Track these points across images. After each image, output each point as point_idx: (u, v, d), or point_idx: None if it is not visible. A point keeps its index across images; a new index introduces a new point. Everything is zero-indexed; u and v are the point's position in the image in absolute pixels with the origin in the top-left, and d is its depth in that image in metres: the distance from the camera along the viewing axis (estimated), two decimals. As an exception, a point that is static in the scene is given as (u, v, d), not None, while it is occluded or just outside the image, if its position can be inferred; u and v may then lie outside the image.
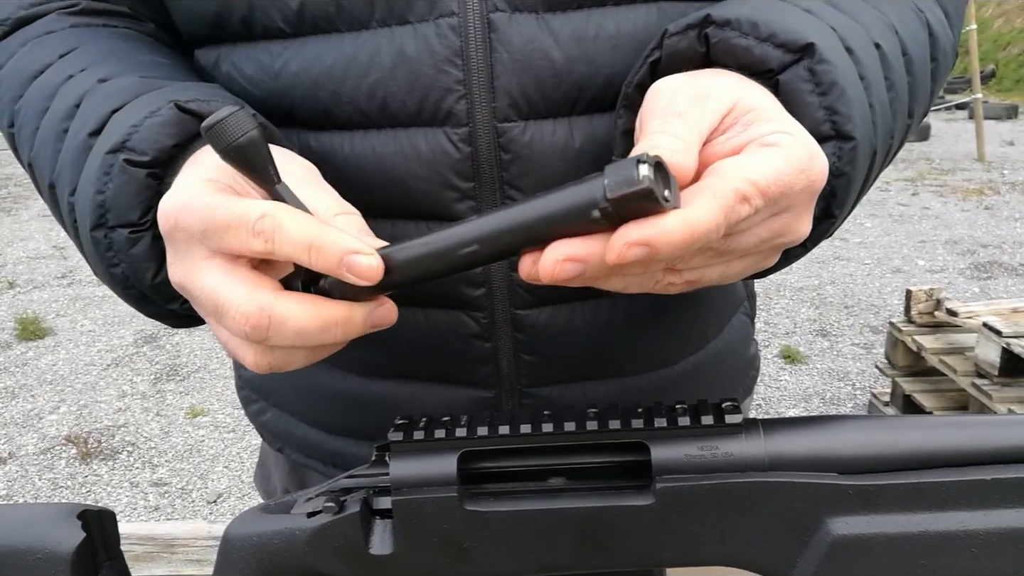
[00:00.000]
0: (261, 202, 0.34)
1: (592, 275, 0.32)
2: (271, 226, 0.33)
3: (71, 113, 0.45)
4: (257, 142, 0.34)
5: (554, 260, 0.31)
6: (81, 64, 0.47)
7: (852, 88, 0.38)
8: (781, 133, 0.34)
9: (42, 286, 4.55)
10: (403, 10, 0.44)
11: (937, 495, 0.32)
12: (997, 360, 2.09)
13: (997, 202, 5.78)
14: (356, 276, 0.33)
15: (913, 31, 0.44)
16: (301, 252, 0.33)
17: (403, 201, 0.48)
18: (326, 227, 0.34)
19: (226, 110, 0.33)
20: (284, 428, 0.62)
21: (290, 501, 0.38)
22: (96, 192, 0.40)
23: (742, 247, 0.35)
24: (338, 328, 0.35)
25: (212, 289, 0.35)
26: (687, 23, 0.40)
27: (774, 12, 0.39)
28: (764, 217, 0.34)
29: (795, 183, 0.33)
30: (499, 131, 0.46)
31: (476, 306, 0.50)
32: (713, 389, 0.61)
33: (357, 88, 0.46)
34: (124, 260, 0.41)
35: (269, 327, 0.34)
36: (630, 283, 0.35)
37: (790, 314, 3.80)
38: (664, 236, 0.29)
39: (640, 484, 0.34)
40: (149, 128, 0.40)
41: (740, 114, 0.36)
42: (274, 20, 0.47)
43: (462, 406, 0.54)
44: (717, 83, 0.37)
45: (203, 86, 0.46)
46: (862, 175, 0.41)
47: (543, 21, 0.45)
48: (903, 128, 0.44)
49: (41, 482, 2.59)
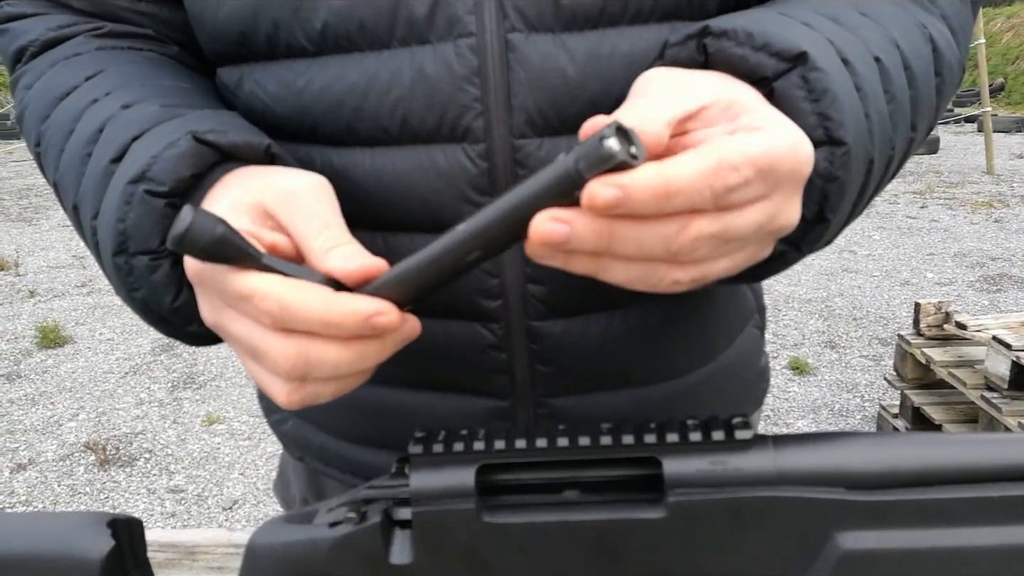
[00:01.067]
0: (263, 281, 0.36)
1: (579, 241, 0.32)
2: (278, 309, 0.35)
3: (95, 137, 0.46)
4: (226, 236, 0.35)
5: (539, 221, 0.32)
6: (106, 88, 0.49)
7: (845, 96, 0.39)
8: (766, 119, 0.35)
9: (62, 295, 4.59)
10: (423, 30, 0.46)
11: (946, 511, 0.32)
12: (1007, 373, 2.07)
13: (1007, 215, 5.74)
14: (378, 333, 0.36)
15: (916, 47, 0.45)
16: (319, 328, 0.35)
17: (422, 215, 0.49)
18: (335, 299, 0.35)
19: (186, 218, 0.34)
20: (304, 437, 0.63)
21: (312, 511, 0.39)
22: (117, 220, 0.42)
23: (741, 231, 0.35)
24: (373, 357, 0.37)
25: (246, 336, 0.38)
26: (686, 34, 0.41)
27: (771, 24, 0.40)
28: (755, 194, 0.34)
29: (782, 160, 0.34)
30: (515, 147, 0.47)
31: (492, 318, 0.51)
32: (724, 400, 0.62)
33: (378, 105, 0.47)
34: (144, 285, 0.43)
35: (308, 366, 0.36)
36: (631, 273, 0.35)
37: (799, 326, 3.78)
38: (637, 182, 0.31)
39: (652, 498, 0.34)
40: (168, 159, 0.42)
41: (725, 107, 0.36)
42: (298, 39, 0.48)
43: (478, 415, 0.55)
44: (698, 79, 0.38)
45: (220, 114, 0.48)
46: (857, 181, 0.41)
47: (559, 40, 0.46)
48: (905, 140, 0.45)
49: (60, 488, 2.62)
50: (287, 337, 0.36)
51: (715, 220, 0.34)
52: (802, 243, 0.42)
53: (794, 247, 0.42)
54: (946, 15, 0.48)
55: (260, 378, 0.39)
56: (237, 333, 0.38)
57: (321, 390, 0.38)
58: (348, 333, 0.36)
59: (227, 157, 0.44)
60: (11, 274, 5.00)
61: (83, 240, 0.49)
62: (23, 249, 5.56)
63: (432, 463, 0.36)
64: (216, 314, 0.40)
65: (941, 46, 0.47)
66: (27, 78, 0.54)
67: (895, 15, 0.45)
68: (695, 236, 0.33)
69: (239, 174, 0.43)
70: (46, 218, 6.58)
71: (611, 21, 0.46)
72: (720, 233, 0.34)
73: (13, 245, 5.64)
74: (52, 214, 6.66)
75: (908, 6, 0.47)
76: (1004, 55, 13.49)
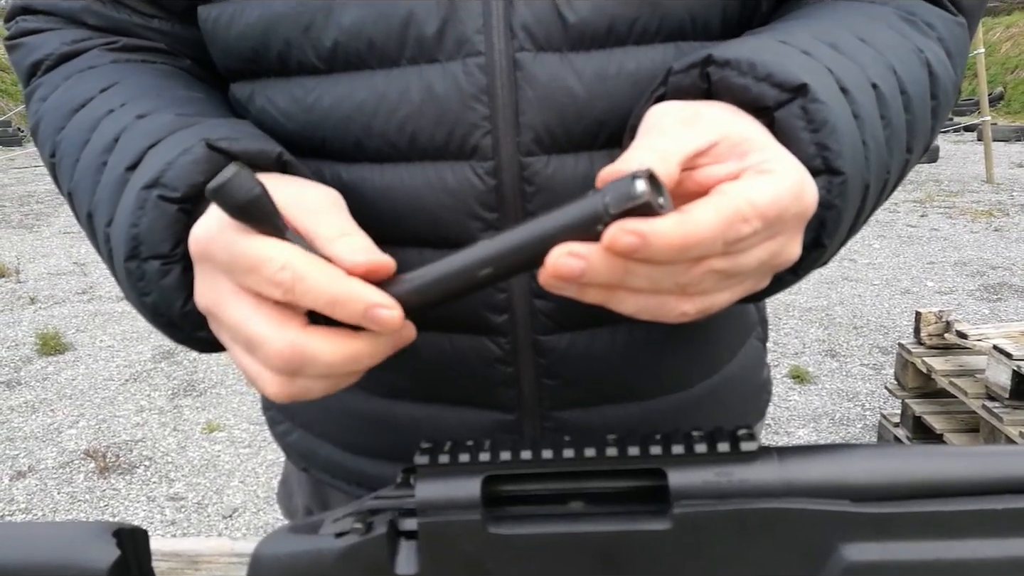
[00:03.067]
0: (282, 250, 0.36)
1: (593, 275, 0.33)
2: (290, 278, 0.35)
3: (110, 147, 0.47)
4: (261, 199, 0.35)
5: (556, 255, 0.33)
6: (121, 99, 0.50)
7: (844, 126, 0.40)
8: (775, 160, 0.36)
9: (62, 302, 4.60)
10: (432, 49, 0.46)
11: (950, 524, 0.33)
12: (1008, 383, 2.07)
13: (1006, 224, 5.75)
14: (379, 327, 0.36)
15: (913, 71, 0.46)
16: (324, 305, 0.36)
17: (430, 230, 0.49)
18: (346, 280, 0.36)
19: (229, 171, 0.34)
20: (309, 448, 0.64)
21: (318, 521, 0.39)
22: (131, 225, 0.43)
23: (746, 268, 0.36)
24: (366, 359, 0.37)
25: (242, 323, 0.37)
26: (690, 62, 0.42)
27: (773, 53, 0.41)
28: (763, 239, 0.36)
29: (790, 207, 0.35)
30: (523, 164, 0.47)
31: (499, 331, 0.52)
32: (728, 412, 0.63)
33: (387, 122, 0.48)
34: (155, 290, 0.43)
35: (302, 363, 0.36)
36: (641, 305, 0.36)
37: (799, 334, 3.78)
38: (658, 233, 0.32)
39: (657, 509, 0.35)
40: (181, 166, 0.42)
41: (734, 144, 0.37)
42: (308, 57, 0.49)
43: (484, 428, 0.55)
44: (710, 111, 0.39)
45: (233, 123, 0.48)
46: (853, 208, 0.42)
47: (567, 60, 0.46)
48: (901, 162, 0.46)
49: (60, 496, 2.61)
50: (283, 327, 0.36)
51: (724, 259, 0.35)
52: (799, 268, 0.43)
53: (790, 272, 0.43)
54: (942, 38, 0.49)
55: (251, 369, 0.39)
56: (233, 318, 0.38)
57: (311, 387, 0.38)
58: (350, 317, 0.36)
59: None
60: (12, 281, 5.00)
61: (96, 249, 0.49)
62: (24, 256, 5.56)
63: (438, 474, 0.36)
64: (215, 294, 0.39)
65: (937, 70, 0.47)
66: (42, 90, 0.55)
67: (892, 40, 0.46)
68: (704, 272, 0.35)
69: None
70: (47, 225, 6.59)
71: (618, 41, 0.47)
72: (727, 270, 0.35)
73: (14, 252, 5.65)
74: (53, 221, 6.68)
75: (905, 30, 0.48)
76: (1003, 64, 13.55)
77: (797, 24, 0.47)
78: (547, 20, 0.46)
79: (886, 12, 0.49)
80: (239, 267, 0.37)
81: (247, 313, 0.37)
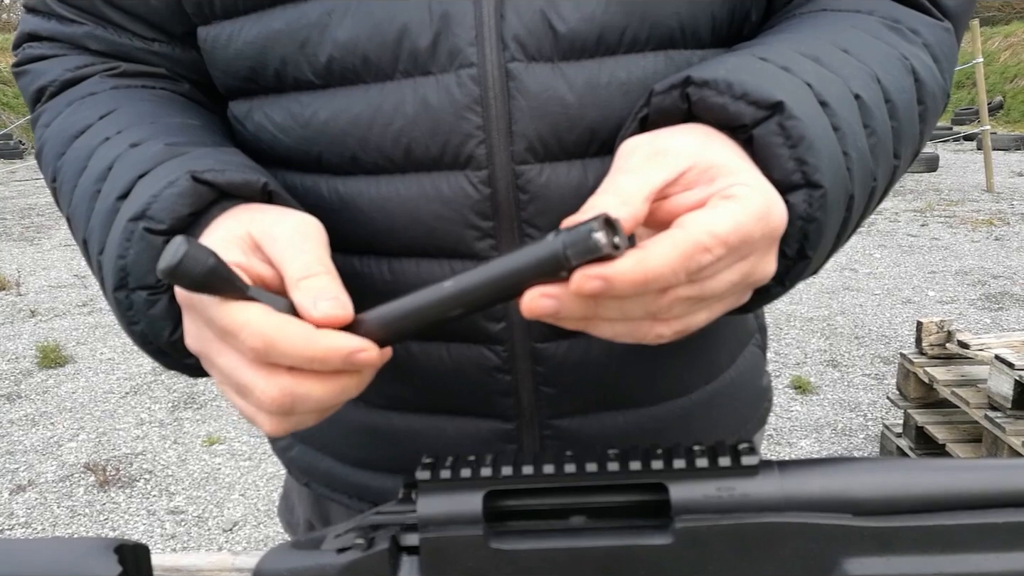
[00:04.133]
0: (251, 315, 0.37)
1: (568, 312, 0.35)
2: (262, 344, 0.37)
3: (104, 175, 0.48)
4: (217, 269, 0.36)
5: (531, 297, 0.35)
6: (117, 127, 0.51)
7: (822, 140, 0.41)
8: (740, 185, 0.37)
9: (63, 314, 4.60)
10: (426, 62, 0.47)
11: (951, 537, 0.33)
12: (1010, 393, 2.07)
13: (1007, 233, 5.76)
14: (359, 368, 0.38)
15: (898, 78, 0.46)
16: (302, 363, 0.37)
17: (426, 241, 0.50)
18: (317, 336, 0.37)
19: (178, 249, 0.34)
20: (310, 463, 0.64)
21: (320, 537, 0.39)
22: (118, 256, 0.44)
23: (717, 291, 0.38)
24: (353, 390, 0.39)
25: (233, 371, 0.39)
26: (670, 83, 0.43)
27: (750, 73, 0.42)
28: (729, 263, 0.37)
29: (754, 231, 0.37)
30: (517, 173, 0.48)
31: (497, 340, 0.52)
32: (727, 419, 0.63)
33: (383, 135, 0.48)
34: (143, 319, 0.44)
35: (293, 404, 0.38)
36: (617, 331, 0.38)
37: (800, 344, 3.78)
38: (619, 273, 0.34)
39: (659, 523, 0.35)
40: (167, 199, 0.43)
41: (702, 171, 0.38)
42: (304, 73, 0.49)
43: (483, 438, 0.55)
44: (677, 141, 0.40)
45: (221, 152, 0.49)
46: (836, 219, 0.43)
47: (558, 69, 0.47)
48: (888, 169, 0.47)
49: (60, 510, 2.60)
50: (271, 375, 0.38)
51: (690, 287, 0.37)
52: (785, 279, 0.44)
53: (778, 283, 0.44)
54: (928, 43, 0.50)
55: (246, 410, 0.41)
56: (222, 366, 0.40)
57: (305, 420, 0.40)
58: (330, 368, 0.37)
59: (225, 195, 0.45)
60: (12, 293, 5.01)
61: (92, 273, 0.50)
62: (24, 268, 5.57)
63: (439, 489, 0.36)
64: (202, 344, 0.41)
65: (923, 75, 0.48)
66: (46, 116, 0.56)
67: (876, 49, 0.47)
68: (672, 300, 0.37)
69: (234, 211, 0.44)
70: (48, 238, 6.60)
71: (608, 50, 0.48)
72: (696, 296, 0.37)
73: (15, 264, 5.66)
74: (54, 234, 6.69)
75: (890, 38, 0.48)
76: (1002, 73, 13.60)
77: (780, 38, 0.47)
78: (538, 31, 0.46)
79: (871, 21, 0.49)
80: (215, 331, 0.39)
81: (234, 363, 0.39)
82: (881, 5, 0.51)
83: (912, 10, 0.51)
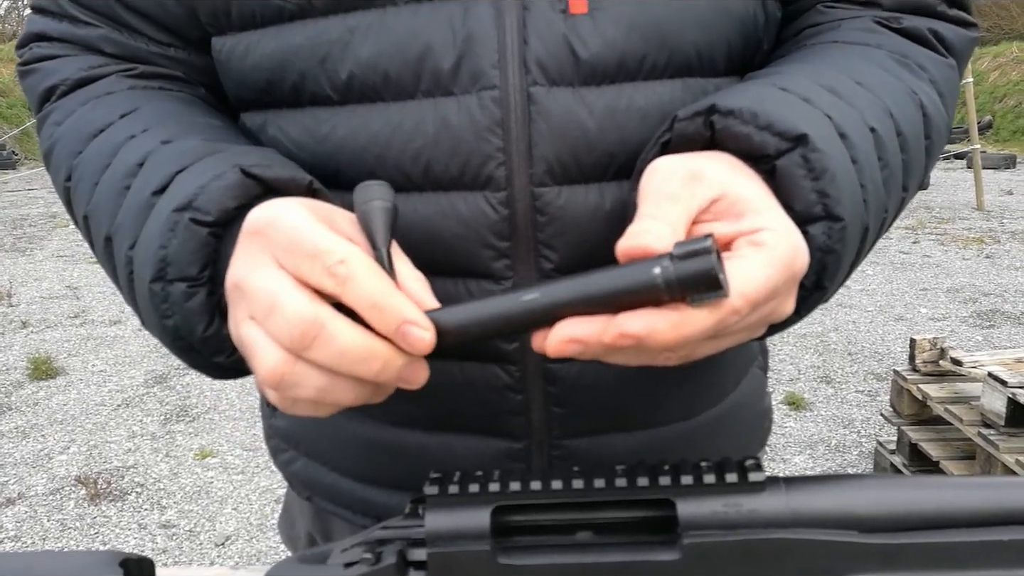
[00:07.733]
0: (345, 245, 0.37)
1: (591, 355, 0.37)
2: (345, 273, 0.36)
3: (134, 171, 0.47)
4: (392, 212, 0.39)
5: (559, 339, 0.36)
6: (142, 125, 0.50)
7: (843, 172, 0.42)
8: (768, 231, 0.38)
9: (55, 326, 4.57)
10: (448, 83, 0.47)
11: (956, 555, 0.33)
12: (1003, 410, 2.08)
13: (997, 251, 5.81)
14: (407, 345, 0.36)
15: (907, 112, 0.48)
16: (365, 306, 0.36)
17: (442, 259, 0.50)
18: (395, 291, 0.36)
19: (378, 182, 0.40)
20: (314, 477, 0.64)
21: (326, 551, 0.39)
22: (159, 247, 0.43)
23: (736, 336, 0.39)
24: (378, 363, 0.37)
25: (273, 288, 0.37)
26: (695, 110, 0.44)
27: (774, 103, 0.43)
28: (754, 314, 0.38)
29: (781, 282, 0.37)
30: (535, 195, 0.48)
31: (510, 359, 0.52)
32: (732, 440, 0.63)
33: (402, 153, 0.49)
34: (178, 312, 0.43)
35: (317, 337, 0.36)
36: (631, 359, 0.39)
37: (794, 361, 3.79)
38: (654, 335, 0.35)
39: (666, 539, 0.35)
40: (215, 190, 0.43)
41: (731, 203, 0.39)
42: (323, 88, 0.50)
43: (493, 456, 0.55)
44: (711, 168, 0.40)
45: (261, 150, 0.49)
46: (853, 250, 0.44)
47: (578, 94, 0.48)
48: (897, 201, 0.48)
49: (50, 523, 2.58)
50: (312, 301, 0.36)
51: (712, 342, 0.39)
52: (801, 308, 0.44)
53: (794, 313, 0.44)
54: (934, 79, 0.51)
55: (257, 341, 0.38)
56: (264, 285, 0.37)
57: (305, 379, 0.37)
58: (386, 324, 0.36)
59: (269, 191, 0.44)
60: (3, 305, 4.98)
61: (111, 274, 0.49)
62: (16, 279, 5.54)
63: (447, 504, 0.36)
64: (251, 266, 0.39)
65: (930, 110, 0.49)
66: (56, 115, 0.55)
67: (888, 83, 0.48)
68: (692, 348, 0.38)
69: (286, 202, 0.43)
70: (40, 248, 6.57)
71: (628, 77, 0.48)
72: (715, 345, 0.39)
73: (6, 275, 5.63)
74: (46, 244, 6.66)
75: (900, 73, 0.49)
76: (991, 93, 13.72)
77: (797, 68, 0.48)
78: (560, 56, 0.47)
79: (880, 55, 0.50)
80: (298, 251, 0.37)
81: (281, 283, 0.37)
82: (889, 40, 0.52)
83: (919, 46, 0.52)
